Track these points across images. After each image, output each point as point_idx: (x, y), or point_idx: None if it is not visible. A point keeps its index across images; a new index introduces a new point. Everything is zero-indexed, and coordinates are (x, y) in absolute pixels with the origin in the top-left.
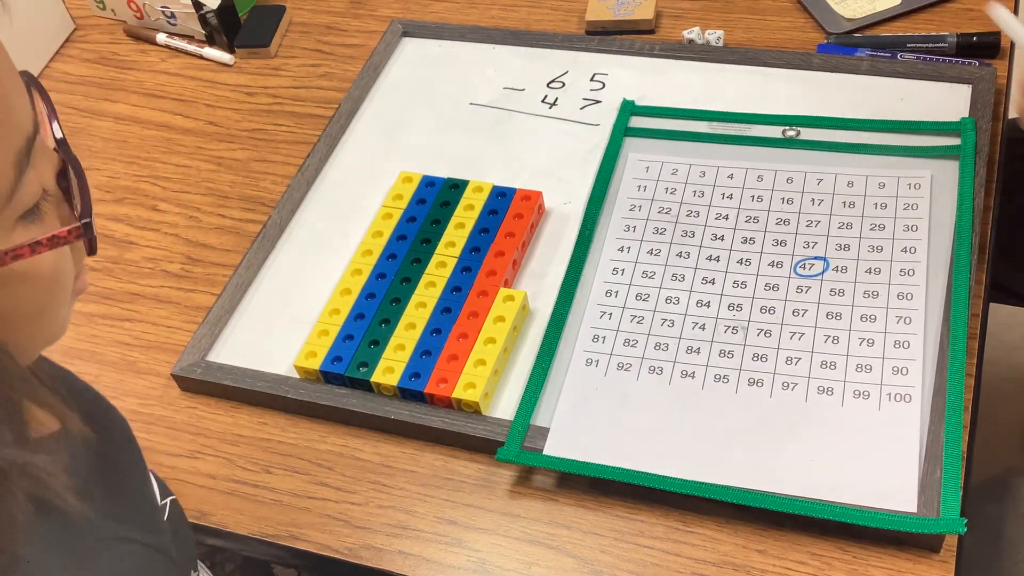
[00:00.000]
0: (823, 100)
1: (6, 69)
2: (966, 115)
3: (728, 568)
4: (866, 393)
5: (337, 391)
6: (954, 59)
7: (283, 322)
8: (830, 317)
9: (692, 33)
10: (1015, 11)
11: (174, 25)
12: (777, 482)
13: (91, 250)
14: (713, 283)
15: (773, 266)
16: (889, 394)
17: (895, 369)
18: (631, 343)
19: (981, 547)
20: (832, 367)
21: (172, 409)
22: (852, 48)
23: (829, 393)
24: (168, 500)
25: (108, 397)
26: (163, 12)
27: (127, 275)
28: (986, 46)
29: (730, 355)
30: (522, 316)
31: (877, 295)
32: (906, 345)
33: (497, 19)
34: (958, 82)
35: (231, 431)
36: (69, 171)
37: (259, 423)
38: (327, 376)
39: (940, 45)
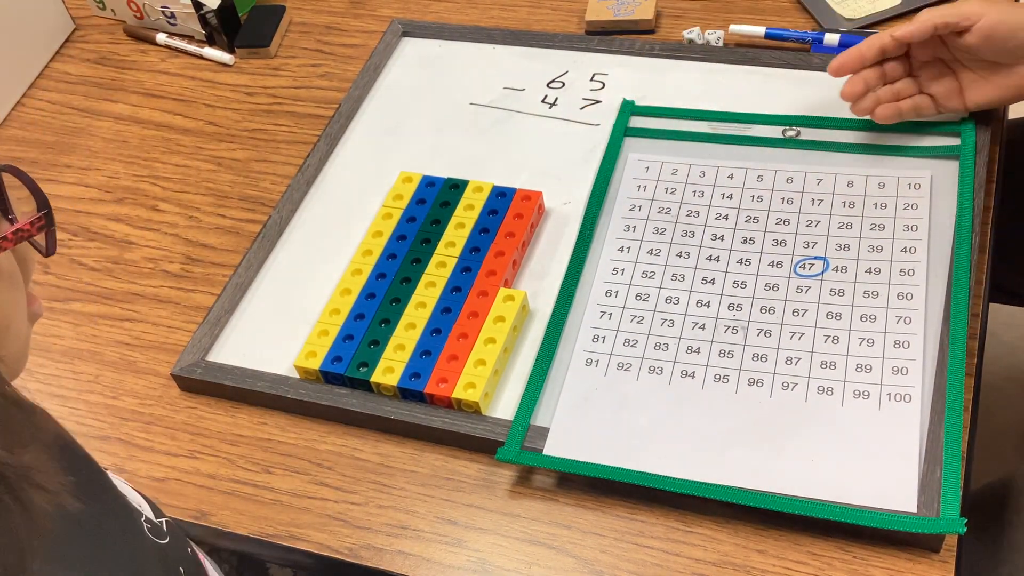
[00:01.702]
0: (823, 100)
1: None
2: (966, 115)
3: (728, 568)
4: (866, 393)
5: (337, 391)
6: None
7: (283, 322)
8: (830, 317)
9: (692, 33)
10: None
11: (174, 25)
12: (777, 482)
13: (50, 247)
14: (713, 283)
15: (773, 266)
16: (889, 394)
17: (895, 369)
18: (631, 343)
19: (982, 548)
20: (832, 367)
21: (172, 409)
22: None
23: (829, 393)
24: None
25: (108, 397)
26: (163, 12)
27: (127, 275)
28: None
29: (730, 355)
30: (522, 316)
31: (877, 295)
32: (906, 345)
33: (497, 19)
34: None
35: (231, 431)
36: (2, 184)
37: (259, 423)
38: (327, 376)
39: None
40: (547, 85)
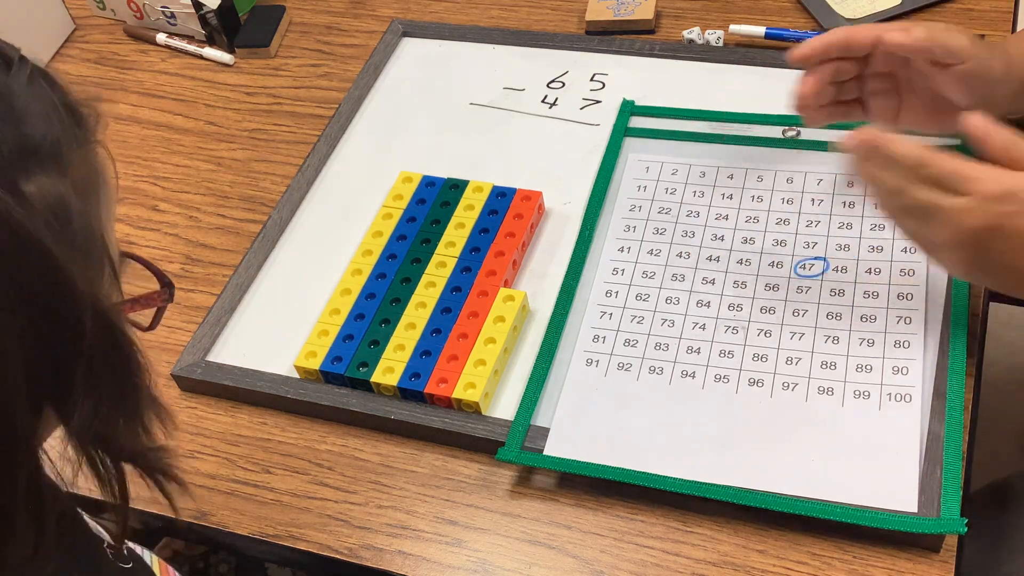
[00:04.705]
0: None
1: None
2: None
3: (728, 568)
4: (866, 393)
5: (337, 391)
6: None
7: (283, 322)
8: (830, 317)
9: (692, 33)
10: (1015, 12)
11: (174, 25)
12: (777, 482)
13: (154, 323)
14: (713, 283)
15: (773, 266)
16: (889, 394)
17: (895, 369)
18: (631, 343)
19: (982, 548)
20: (832, 367)
21: (172, 409)
22: None
23: (829, 393)
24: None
25: None
26: (163, 12)
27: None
28: None
29: (730, 355)
30: (522, 316)
31: (877, 295)
32: (906, 345)
33: (497, 19)
34: None
35: (231, 431)
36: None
37: (259, 423)
38: (327, 376)
39: None
40: (547, 85)
